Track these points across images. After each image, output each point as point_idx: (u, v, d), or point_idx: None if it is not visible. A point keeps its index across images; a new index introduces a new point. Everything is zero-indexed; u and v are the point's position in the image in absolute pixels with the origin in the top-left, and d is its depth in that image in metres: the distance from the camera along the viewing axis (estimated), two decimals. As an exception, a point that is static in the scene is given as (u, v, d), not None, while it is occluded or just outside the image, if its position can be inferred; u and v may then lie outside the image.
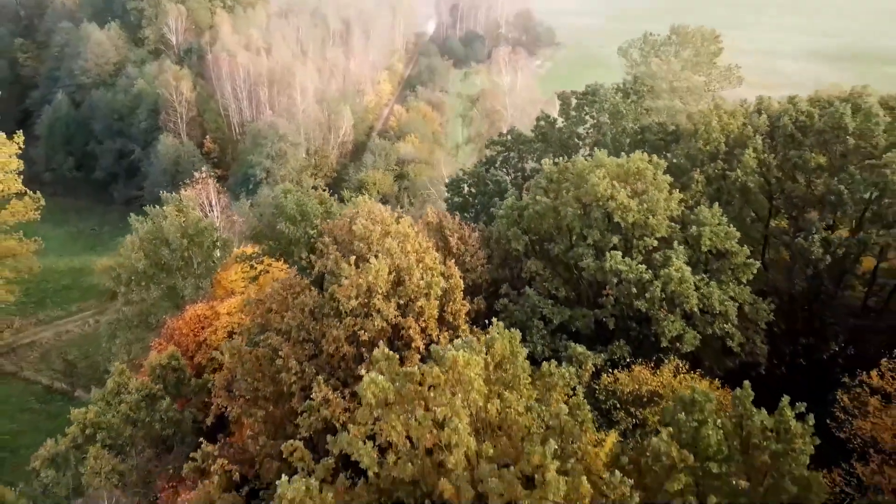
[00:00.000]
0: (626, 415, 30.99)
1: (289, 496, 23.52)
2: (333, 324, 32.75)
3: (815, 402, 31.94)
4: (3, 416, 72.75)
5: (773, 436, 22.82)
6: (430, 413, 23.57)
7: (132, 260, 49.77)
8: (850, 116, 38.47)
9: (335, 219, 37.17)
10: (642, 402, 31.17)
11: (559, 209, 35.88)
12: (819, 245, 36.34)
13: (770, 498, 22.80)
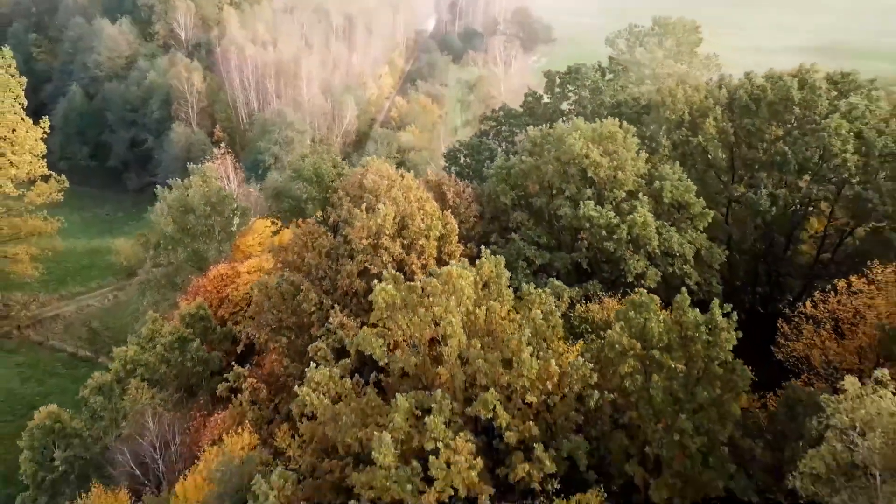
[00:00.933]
0: (596, 337, 36.81)
1: (315, 379, 29.46)
2: (347, 262, 38.65)
3: (771, 345, 38.03)
4: (32, 380, 78.71)
5: (704, 329, 28.68)
6: (429, 312, 29.46)
7: (162, 225, 55.64)
8: (796, 89, 44.37)
9: (347, 178, 43.10)
10: (610, 326, 36.98)
11: (541, 167, 41.81)
12: (766, 199, 42.25)
13: (702, 378, 28.68)
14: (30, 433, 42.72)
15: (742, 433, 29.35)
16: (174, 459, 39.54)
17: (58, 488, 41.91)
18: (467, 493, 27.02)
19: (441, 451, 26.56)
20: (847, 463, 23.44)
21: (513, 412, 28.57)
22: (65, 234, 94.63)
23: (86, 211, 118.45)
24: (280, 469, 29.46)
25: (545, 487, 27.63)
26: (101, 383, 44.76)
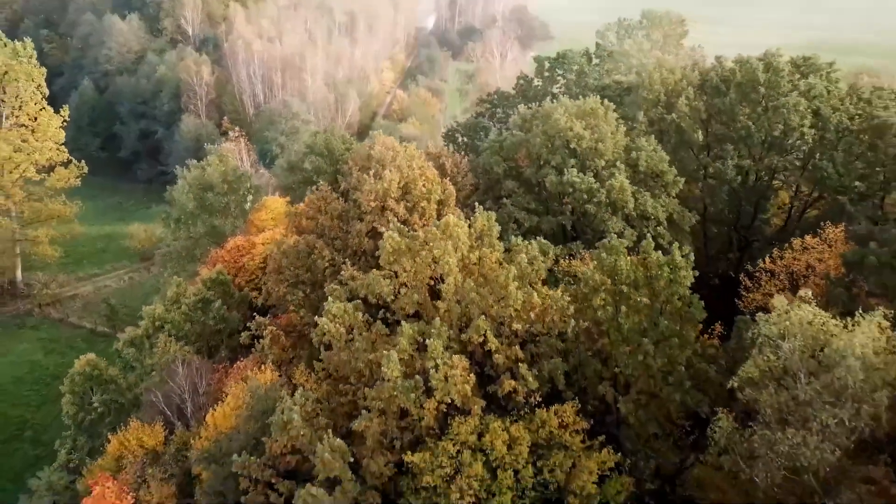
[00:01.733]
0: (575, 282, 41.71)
1: (332, 311, 34.48)
2: (356, 223, 43.64)
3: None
4: (54, 353, 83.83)
5: (666, 269, 33.65)
6: (430, 255, 34.45)
7: (182, 201, 60.70)
8: (762, 71, 49.40)
9: (356, 151, 48.12)
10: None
11: (530, 140, 46.83)
12: (733, 169, 47.28)
13: (664, 310, 33.65)
14: (71, 379, 47.72)
15: (699, 360, 34.32)
16: (201, 401, 44.50)
17: (95, 428, 46.88)
18: (462, 403, 31.99)
19: (440, 367, 31.53)
20: (776, 367, 28.44)
21: (501, 339, 33.57)
22: (80, 220, 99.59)
23: (99, 199, 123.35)
24: (301, 390, 34.46)
25: (528, 401, 32.63)
26: (133, 337, 49.77)
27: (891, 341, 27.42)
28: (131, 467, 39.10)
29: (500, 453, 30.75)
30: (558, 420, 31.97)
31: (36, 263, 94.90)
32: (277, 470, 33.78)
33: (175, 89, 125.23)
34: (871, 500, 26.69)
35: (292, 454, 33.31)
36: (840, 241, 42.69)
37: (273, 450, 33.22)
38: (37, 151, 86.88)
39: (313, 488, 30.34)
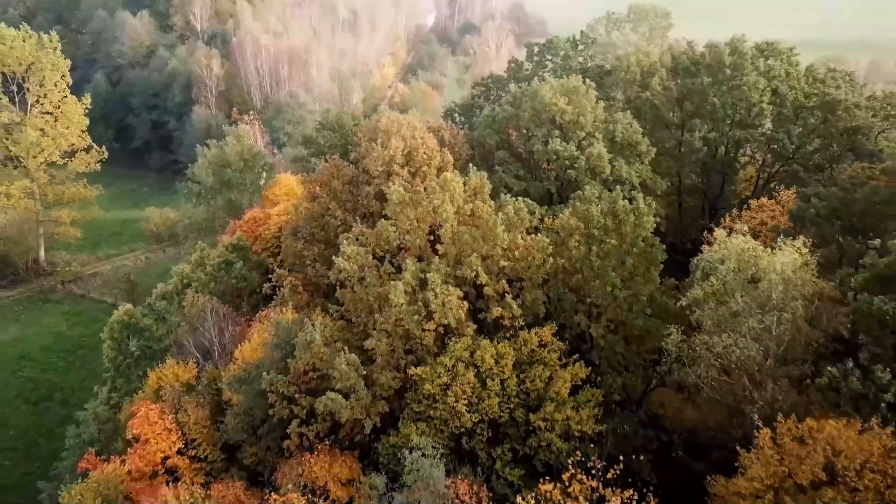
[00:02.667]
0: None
1: (347, 252, 40.64)
2: (365, 187, 49.80)
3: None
4: (78, 325, 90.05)
5: (632, 215, 39.80)
6: (430, 204, 40.62)
7: (203, 176, 66.89)
8: (728, 54, 55.60)
9: (364, 125, 54.29)
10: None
11: (519, 115, 53.02)
12: (699, 141, 53.46)
13: (630, 250, 39.76)
14: (110, 326, 53.83)
15: (660, 294, 40.48)
16: (228, 345, 50.62)
17: (132, 371, 52.97)
18: (457, 326, 38.12)
19: (438, 295, 37.66)
20: (717, 290, 34.58)
21: (490, 275, 39.70)
22: (96, 205, 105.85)
23: (113, 187, 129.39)
24: (320, 320, 40.61)
25: (513, 325, 38.77)
26: (165, 292, 55.93)
27: (808, 263, 33.59)
28: (169, 396, 45.13)
29: (489, 365, 36.87)
30: (538, 340, 38.09)
31: (57, 244, 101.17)
32: (300, 388, 39.84)
33: (186, 82, 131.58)
34: (790, 395, 32.82)
35: (313, 372, 39.39)
36: (791, 202, 48.84)
37: (297, 368, 39.34)
38: (61, 137, 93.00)
39: (332, 393, 36.48)
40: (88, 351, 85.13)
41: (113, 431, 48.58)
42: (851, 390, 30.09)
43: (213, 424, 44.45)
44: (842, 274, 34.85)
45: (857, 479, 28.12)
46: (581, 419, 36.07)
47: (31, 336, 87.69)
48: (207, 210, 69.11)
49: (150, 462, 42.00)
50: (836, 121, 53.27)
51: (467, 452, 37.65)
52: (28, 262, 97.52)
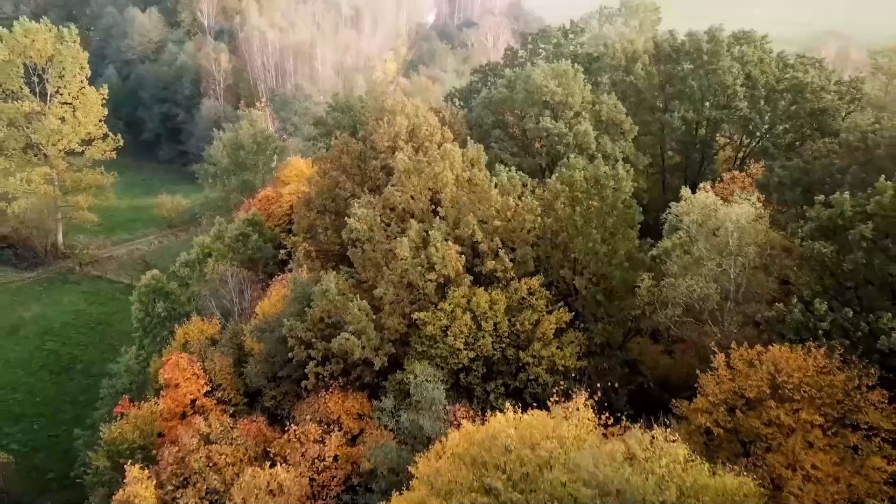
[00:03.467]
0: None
1: (358, 214, 45.81)
2: (372, 161, 54.88)
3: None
4: (97, 303, 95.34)
5: (612, 180, 44.94)
6: (431, 170, 45.77)
7: (219, 157, 72.09)
8: (705, 42, 60.72)
9: (372, 105, 59.43)
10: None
11: (514, 97, 58.20)
12: (678, 120, 58.62)
13: (609, 211, 44.87)
14: (139, 290, 59.05)
15: (637, 251, 45.61)
16: (247, 305, 55.80)
17: (158, 331, 58.15)
18: (455, 277, 43.25)
19: (439, 249, 42.81)
20: (682, 241, 39.72)
21: (485, 233, 44.85)
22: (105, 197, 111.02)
23: (125, 177, 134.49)
24: (334, 275, 45.77)
25: (505, 276, 43.91)
26: (188, 260, 61.13)
27: (761, 216, 38.76)
28: (196, 347, 50.28)
29: (483, 310, 42.02)
30: (527, 288, 43.24)
31: (74, 228, 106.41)
32: (316, 333, 44.97)
33: (195, 75, 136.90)
34: (744, 330, 37.92)
35: (328, 319, 44.54)
36: (760, 174, 54.01)
37: (314, 315, 44.50)
38: (80, 125, 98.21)
39: (346, 334, 41.64)
40: (107, 327, 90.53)
41: (143, 382, 53.75)
42: (794, 321, 35.20)
43: (235, 373, 49.61)
44: (792, 227, 39.98)
45: (795, 392, 33.24)
46: (564, 356, 41.23)
47: (52, 313, 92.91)
48: (223, 190, 74.24)
49: (180, 403, 47.12)
50: (804, 103, 58.40)
51: (464, 388, 42.78)
52: (47, 246, 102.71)
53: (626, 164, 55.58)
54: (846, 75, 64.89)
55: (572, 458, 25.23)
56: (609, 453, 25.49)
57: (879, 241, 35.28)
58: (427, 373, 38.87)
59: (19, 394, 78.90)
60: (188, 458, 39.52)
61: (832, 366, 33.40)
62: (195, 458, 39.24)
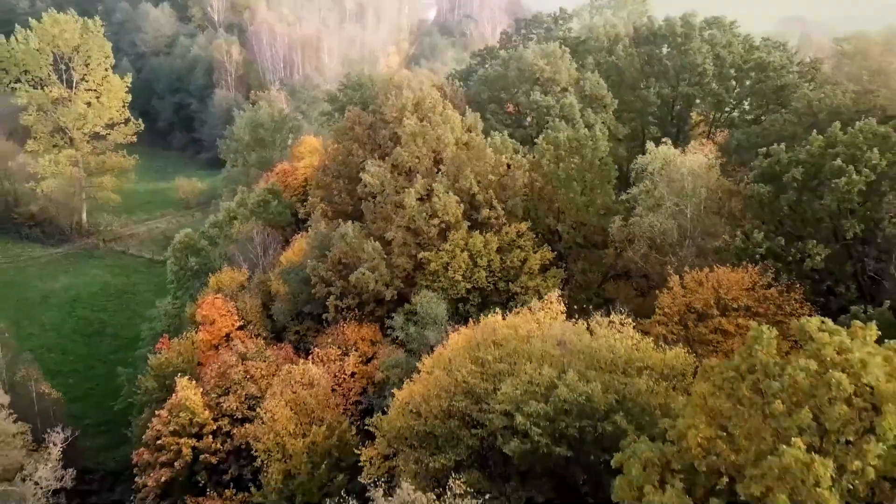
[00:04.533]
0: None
1: (371, 170, 53.49)
2: (381, 130, 62.54)
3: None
4: (121, 275, 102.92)
5: (590, 140, 52.55)
6: (434, 133, 53.43)
7: (240, 134, 79.77)
8: (679, 26, 68.42)
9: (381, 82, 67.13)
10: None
11: (507, 74, 65.92)
12: (654, 95, 66.28)
13: (588, 168, 52.49)
14: (173, 247, 66.68)
15: (612, 202, 53.26)
16: (271, 259, 63.39)
17: (191, 283, 65.75)
18: (455, 222, 50.87)
19: (441, 198, 50.45)
20: (647, 189, 47.34)
21: (481, 186, 52.47)
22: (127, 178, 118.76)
23: (141, 164, 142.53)
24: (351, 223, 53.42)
25: (497, 222, 51.54)
26: (216, 221, 68.78)
27: (713, 166, 46.40)
28: (228, 290, 57.89)
29: (479, 249, 49.65)
30: (516, 232, 50.89)
31: (97, 208, 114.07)
32: (335, 273, 52.59)
33: (207, 67, 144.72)
34: (696, 259, 45.50)
35: (346, 260, 52.14)
36: (723, 141, 61.69)
37: (333, 257, 52.15)
38: (104, 109, 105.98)
39: (362, 269, 49.30)
40: (132, 296, 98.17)
41: (179, 325, 61.29)
42: (736, 248, 42.89)
43: (263, 312, 57.24)
44: (739, 175, 47.64)
45: (734, 303, 40.86)
46: (548, 286, 48.81)
47: (80, 284, 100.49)
48: (243, 165, 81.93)
49: (216, 336, 54.77)
50: (767, 80, 66.08)
51: (463, 315, 50.33)
52: (72, 224, 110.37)
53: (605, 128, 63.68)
54: (807, 58, 72.46)
55: (546, 331, 32.85)
56: (574, 329, 33.14)
57: (808, 183, 42.99)
58: (431, 296, 46.41)
59: (54, 353, 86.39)
60: (229, 371, 47.13)
61: (765, 281, 41.02)
62: (235, 371, 46.86)
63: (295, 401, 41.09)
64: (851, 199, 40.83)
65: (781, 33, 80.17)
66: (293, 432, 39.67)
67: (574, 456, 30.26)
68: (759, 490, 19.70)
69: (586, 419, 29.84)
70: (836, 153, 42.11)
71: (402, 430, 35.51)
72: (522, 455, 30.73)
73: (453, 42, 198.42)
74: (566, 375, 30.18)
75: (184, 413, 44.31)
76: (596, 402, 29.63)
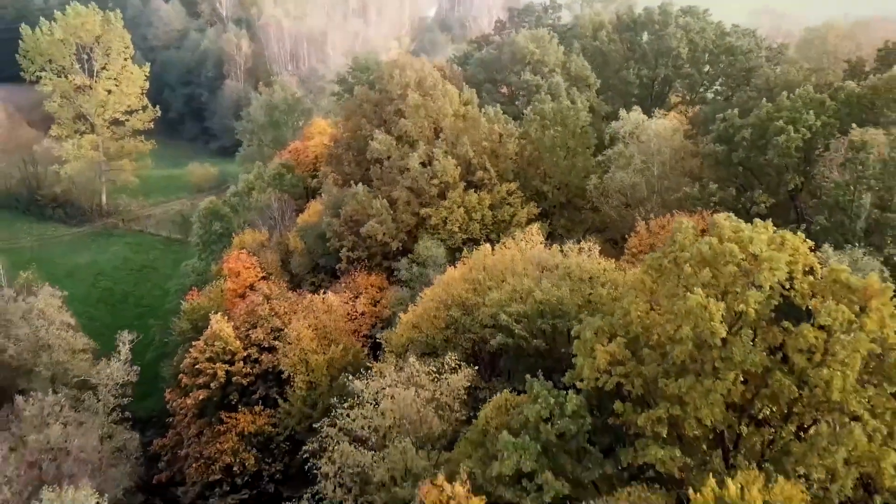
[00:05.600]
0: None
1: (379, 139, 60.99)
2: (387, 106, 70.00)
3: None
4: (140, 252, 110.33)
5: (572, 111, 60.02)
6: (435, 105, 60.93)
7: (256, 115, 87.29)
8: (657, 14, 75.99)
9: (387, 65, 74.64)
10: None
11: (501, 57, 73.48)
12: (634, 76, 73.81)
13: (571, 136, 59.94)
14: (199, 212, 74.16)
15: (591, 165, 60.74)
16: (288, 221, 70.84)
17: (215, 245, 73.18)
18: (453, 182, 58.33)
19: (440, 161, 57.92)
20: (620, 151, 54.81)
21: (476, 152, 59.95)
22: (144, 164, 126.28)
23: (153, 152, 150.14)
24: (361, 185, 60.92)
25: (490, 183, 58.99)
26: (236, 191, 76.29)
27: (677, 130, 53.88)
28: (250, 247, 65.34)
29: (473, 205, 57.15)
30: (506, 190, 58.36)
31: (115, 191, 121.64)
32: (347, 228, 60.03)
33: (217, 60, 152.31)
34: (661, 210, 52.92)
35: (357, 217, 59.58)
36: (693, 114, 69.17)
37: (346, 213, 59.62)
38: (124, 97, 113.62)
39: (372, 222, 56.77)
40: (152, 270, 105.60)
41: (205, 281, 68.71)
42: (692, 197, 50.38)
43: (282, 267, 64.70)
44: (699, 139, 55.14)
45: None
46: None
47: (102, 259, 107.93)
48: (259, 144, 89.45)
49: (241, 286, 62.16)
50: (736, 63, 73.63)
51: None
52: (93, 205, 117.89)
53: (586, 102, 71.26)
54: (775, 44, 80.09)
55: (526, 255, 40.35)
56: (550, 252, 40.63)
57: (756, 142, 50.52)
58: (432, 242, 53.88)
59: (82, 320, 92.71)
60: (256, 309, 54.56)
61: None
62: (261, 308, 54.30)
63: (316, 325, 48.53)
64: (790, 154, 48.40)
65: (752, 22, 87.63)
66: (315, 350, 47.09)
67: (548, 348, 37.70)
68: (673, 328, 27.16)
69: (558, 318, 37.29)
70: (780, 116, 49.65)
71: (406, 342, 42.94)
72: (507, 350, 38.20)
73: (452, 38, 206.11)
74: (542, 283, 37.65)
75: (218, 342, 51.69)
76: (566, 303, 37.09)
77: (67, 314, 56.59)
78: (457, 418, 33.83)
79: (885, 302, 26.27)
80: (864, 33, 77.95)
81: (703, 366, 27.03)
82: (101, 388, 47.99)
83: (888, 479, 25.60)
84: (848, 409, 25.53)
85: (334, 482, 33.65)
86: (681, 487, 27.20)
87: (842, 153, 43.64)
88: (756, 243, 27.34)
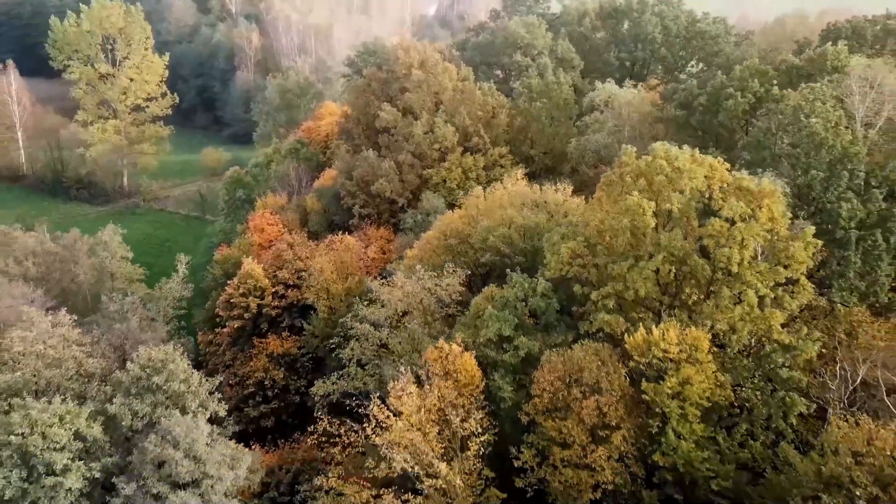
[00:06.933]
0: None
1: (386, 110, 70.17)
2: (394, 83, 79.16)
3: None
4: (161, 228, 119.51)
5: (556, 85, 69.18)
6: (436, 80, 70.13)
7: (272, 97, 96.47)
8: (635, 3, 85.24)
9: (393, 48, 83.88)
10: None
11: (495, 42, 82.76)
12: (615, 59, 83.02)
13: (555, 108, 69.08)
14: (225, 180, 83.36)
15: (574, 133, 69.86)
16: (305, 188, 79.98)
17: (239, 210, 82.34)
18: (451, 147, 67.48)
19: (441, 128, 67.07)
20: (596, 118, 63.93)
21: (472, 121, 69.09)
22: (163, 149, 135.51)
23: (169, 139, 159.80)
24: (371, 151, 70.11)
25: (484, 148, 68.13)
26: (257, 162, 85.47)
27: (645, 98, 63.06)
28: (272, 208, 74.49)
29: (469, 166, 66.32)
30: (498, 154, 67.55)
31: (136, 173, 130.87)
32: (359, 188, 69.12)
33: (228, 52, 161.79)
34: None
35: (367, 178, 68.69)
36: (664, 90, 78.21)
37: (358, 175, 68.76)
38: (145, 84, 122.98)
39: (381, 180, 65.93)
40: (173, 243, 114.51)
41: (231, 239, 77.84)
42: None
43: (301, 225, 73.84)
44: (664, 106, 64.30)
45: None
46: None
47: (126, 235, 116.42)
48: (273, 124, 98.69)
49: (266, 239, 71.35)
50: (706, 46, 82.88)
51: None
52: (115, 186, 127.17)
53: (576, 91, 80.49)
54: (743, 30, 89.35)
55: (511, 192, 49.54)
56: (531, 191, 49.82)
57: (710, 107, 59.72)
58: (433, 194, 63.05)
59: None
60: (282, 253, 63.69)
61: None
62: (286, 253, 63.43)
63: (335, 260, 57.67)
64: (738, 116, 57.55)
65: (723, 10, 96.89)
66: (335, 280, 56.21)
67: (528, 265, 46.83)
68: (617, 223, 36.35)
69: (536, 239, 46.44)
70: (731, 84, 58.81)
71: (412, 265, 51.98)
72: (494, 269, 47.31)
73: (452, 34, 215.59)
74: (523, 212, 46.82)
75: (250, 280, 60.80)
76: (542, 227, 46.24)
77: (125, 248, 65.52)
78: (452, 313, 42.98)
79: (775, 201, 35.46)
80: (823, 21, 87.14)
81: (639, 251, 36.20)
82: (162, 301, 57.27)
83: (776, 333, 34.73)
84: (745, 280, 34.69)
85: (355, 365, 42.76)
86: (622, 344, 36.35)
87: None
88: (680, 160, 36.53)
